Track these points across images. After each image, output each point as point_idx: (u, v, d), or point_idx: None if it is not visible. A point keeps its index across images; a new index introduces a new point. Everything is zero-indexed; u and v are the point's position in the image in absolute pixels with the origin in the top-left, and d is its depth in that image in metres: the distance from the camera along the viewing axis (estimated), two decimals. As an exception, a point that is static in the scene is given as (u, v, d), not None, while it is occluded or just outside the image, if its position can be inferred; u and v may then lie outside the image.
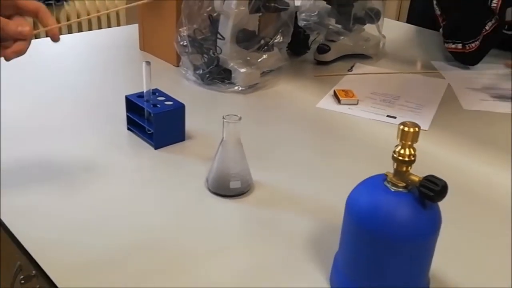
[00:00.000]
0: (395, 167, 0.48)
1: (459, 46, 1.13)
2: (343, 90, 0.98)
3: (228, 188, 0.66)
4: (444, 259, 0.55)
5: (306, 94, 0.99)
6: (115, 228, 0.61)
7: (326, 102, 0.96)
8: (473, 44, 1.11)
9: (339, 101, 0.95)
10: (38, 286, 0.61)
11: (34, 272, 0.60)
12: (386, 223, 0.46)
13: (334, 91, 0.98)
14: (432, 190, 0.45)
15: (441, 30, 1.17)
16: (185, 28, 0.94)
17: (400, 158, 0.47)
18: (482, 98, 1.01)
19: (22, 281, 0.65)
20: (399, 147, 0.47)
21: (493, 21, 1.10)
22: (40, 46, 1.18)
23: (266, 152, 0.78)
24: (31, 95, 0.93)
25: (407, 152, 0.47)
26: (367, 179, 0.50)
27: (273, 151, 0.79)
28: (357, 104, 0.95)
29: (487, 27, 1.11)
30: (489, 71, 1.14)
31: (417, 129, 0.46)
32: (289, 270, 0.55)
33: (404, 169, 0.47)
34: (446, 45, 1.15)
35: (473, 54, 1.13)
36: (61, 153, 0.75)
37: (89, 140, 0.78)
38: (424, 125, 0.88)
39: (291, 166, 0.75)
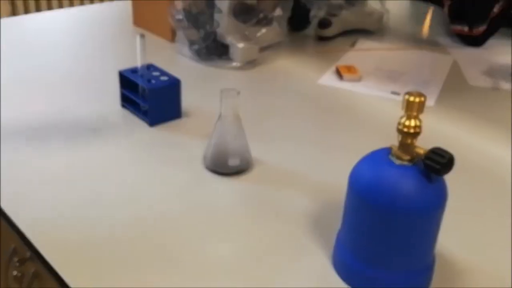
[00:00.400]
0: (400, 139, 0.45)
1: (466, 28, 1.09)
2: (345, 66, 0.95)
3: (226, 165, 0.64)
4: (450, 236, 0.53)
5: (307, 70, 0.96)
6: (111, 206, 0.59)
7: (328, 79, 0.93)
8: (480, 28, 1.08)
9: (341, 77, 0.92)
10: (33, 269, 0.60)
11: (29, 254, 0.58)
12: (391, 197, 0.44)
13: (336, 67, 0.95)
14: (438, 163, 0.43)
15: (445, 9, 1.13)
16: (180, 1, 0.91)
17: (405, 130, 0.45)
18: (489, 74, 0.98)
19: (17, 264, 0.63)
20: (404, 118, 0.45)
21: (500, 3, 1.07)
22: (30, 22, 1.16)
23: (266, 130, 0.76)
24: (22, 71, 0.90)
25: (413, 124, 0.45)
26: (371, 153, 0.48)
27: (273, 129, 0.77)
28: (360, 80, 0.92)
29: (495, 10, 1.07)
30: (495, 48, 1.11)
31: (423, 98, 0.44)
32: (290, 248, 0.54)
33: (409, 141, 0.45)
34: (452, 26, 1.12)
35: (480, 37, 1.10)
36: (54, 131, 0.73)
37: (83, 117, 0.76)
38: (430, 101, 0.86)
39: (292, 144, 0.73)
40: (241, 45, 0.92)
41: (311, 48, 1.08)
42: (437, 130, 0.77)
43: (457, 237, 0.56)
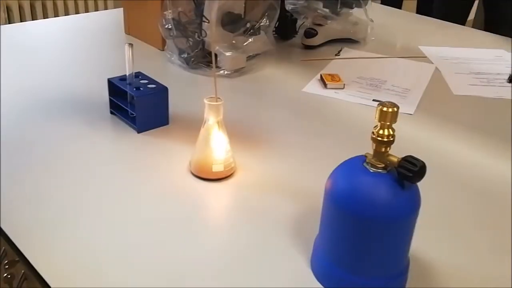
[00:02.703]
0: (374, 147, 0.47)
1: None
2: (329, 74, 0.97)
3: (210, 171, 0.66)
4: (425, 240, 0.56)
5: (293, 78, 0.99)
6: (97, 211, 0.60)
7: (312, 87, 0.96)
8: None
9: (325, 85, 0.95)
10: (22, 271, 0.61)
11: (17, 258, 0.60)
12: (364, 204, 0.46)
13: (321, 75, 0.97)
14: (410, 171, 0.45)
15: None
16: (169, 11, 0.93)
17: (379, 138, 0.47)
18: (471, 83, 1.01)
19: (6, 266, 0.64)
20: (378, 127, 0.47)
21: None
22: (25, 30, 1.17)
23: (251, 136, 0.78)
24: (15, 77, 0.91)
25: (386, 133, 0.47)
26: (346, 160, 0.50)
27: (258, 135, 0.79)
28: (343, 88, 0.95)
29: None
30: (477, 57, 1.14)
31: (395, 109, 0.46)
32: (269, 254, 0.55)
33: (383, 149, 0.47)
34: None
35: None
36: (44, 137, 0.74)
37: (72, 124, 0.78)
38: (409, 109, 0.88)
39: (275, 150, 0.75)
40: (228, 53, 0.94)
41: (297, 57, 1.10)
42: (415, 137, 0.79)
43: (431, 239, 0.58)
